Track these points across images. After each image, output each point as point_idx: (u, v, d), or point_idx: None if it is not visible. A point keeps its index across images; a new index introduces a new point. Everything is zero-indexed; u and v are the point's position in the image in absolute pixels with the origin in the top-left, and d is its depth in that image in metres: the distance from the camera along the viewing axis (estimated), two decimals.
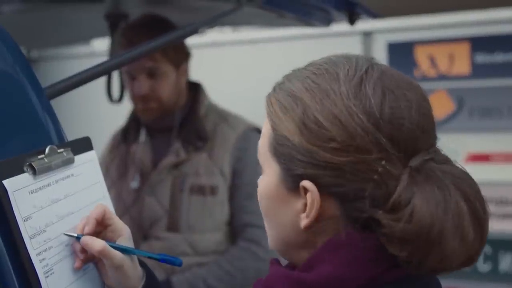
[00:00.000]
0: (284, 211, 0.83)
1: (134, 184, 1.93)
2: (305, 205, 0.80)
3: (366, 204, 0.76)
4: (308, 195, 0.79)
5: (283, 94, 0.82)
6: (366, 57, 0.83)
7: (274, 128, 0.82)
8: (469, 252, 0.76)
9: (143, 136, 1.98)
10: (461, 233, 0.74)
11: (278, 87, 0.84)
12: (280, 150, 0.81)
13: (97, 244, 0.94)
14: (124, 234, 1.00)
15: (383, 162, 0.75)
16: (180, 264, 1.01)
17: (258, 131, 1.92)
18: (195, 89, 2.00)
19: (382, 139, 0.75)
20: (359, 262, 0.78)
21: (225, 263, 1.83)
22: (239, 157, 1.88)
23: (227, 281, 1.81)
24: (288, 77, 0.85)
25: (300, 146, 0.78)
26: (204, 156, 1.88)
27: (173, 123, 1.93)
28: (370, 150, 0.75)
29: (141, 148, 1.96)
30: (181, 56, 1.94)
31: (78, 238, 0.96)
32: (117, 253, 0.95)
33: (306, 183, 0.78)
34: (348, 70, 0.80)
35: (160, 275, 1.75)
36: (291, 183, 0.80)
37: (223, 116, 1.97)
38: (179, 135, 1.92)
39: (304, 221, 0.80)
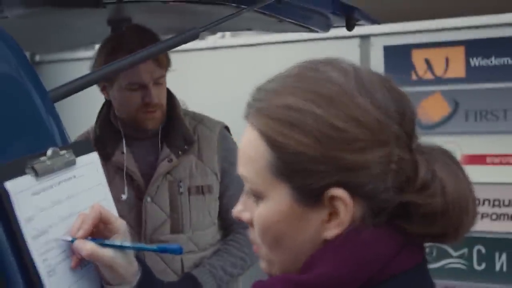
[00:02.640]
0: (302, 229, 0.79)
1: (124, 197, 1.90)
2: (330, 214, 0.77)
3: (390, 193, 0.77)
4: (338, 203, 0.76)
5: (279, 111, 0.78)
6: (333, 57, 0.83)
7: (278, 149, 0.77)
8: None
9: (123, 146, 1.94)
10: (474, 197, 0.80)
11: (263, 107, 0.80)
12: (291, 168, 0.77)
13: (85, 248, 0.95)
14: (119, 231, 1.00)
15: (397, 150, 0.77)
16: (181, 251, 1.00)
17: (228, 129, 2.02)
18: (168, 94, 1.99)
19: (398, 129, 0.77)
20: (364, 260, 0.76)
21: (236, 251, 1.95)
22: (225, 157, 1.94)
23: (240, 266, 1.94)
24: (269, 94, 0.80)
25: (322, 156, 0.75)
26: (193, 158, 1.92)
27: (156, 130, 1.93)
28: (389, 141, 0.76)
29: (126, 158, 1.92)
30: (168, 61, 1.95)
31: (73, 242, 0.96)
32: (106, 254, 0.96)
33: (335, 191, 0.76)
34: (336, 71, 0.79)
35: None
36: (312, 197, 0.77)
37: (198, 118, 2.00)
38: (164, 140, 1.92)
39: (334, 231, 0.77)
